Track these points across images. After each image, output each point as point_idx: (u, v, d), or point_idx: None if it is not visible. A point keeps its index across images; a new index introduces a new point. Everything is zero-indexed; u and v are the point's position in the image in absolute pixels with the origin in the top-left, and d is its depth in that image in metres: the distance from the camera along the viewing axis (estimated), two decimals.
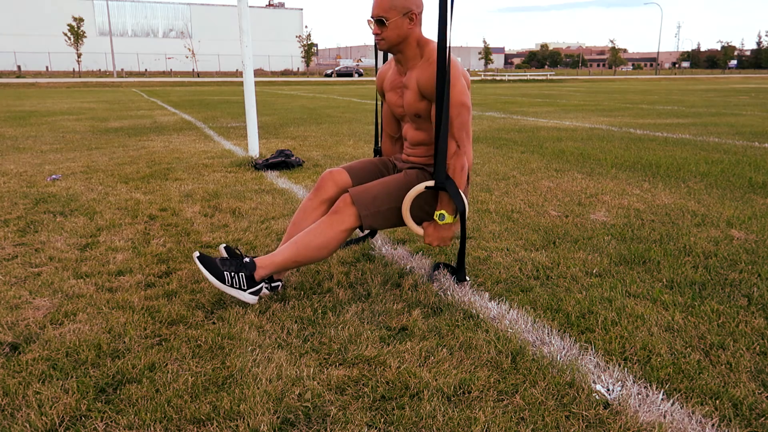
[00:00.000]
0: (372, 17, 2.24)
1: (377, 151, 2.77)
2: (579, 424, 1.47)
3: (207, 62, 74.24)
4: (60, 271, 2.54)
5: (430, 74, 2.24)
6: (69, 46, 54.80)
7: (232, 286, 2.16)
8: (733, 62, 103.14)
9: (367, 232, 2.98)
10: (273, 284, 2.30)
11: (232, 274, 2.16)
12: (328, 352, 1.83)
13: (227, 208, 3.67)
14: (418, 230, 2.34)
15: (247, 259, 2.21)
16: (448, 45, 2.12)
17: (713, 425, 1.47)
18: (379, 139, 2.80)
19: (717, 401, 1.56)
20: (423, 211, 2.37)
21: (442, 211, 2.26)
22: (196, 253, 2.17)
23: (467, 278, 2.43)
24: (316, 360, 1.78)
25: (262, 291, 2.26)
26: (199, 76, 52.77)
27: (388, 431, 1.45)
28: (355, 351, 1.83)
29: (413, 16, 2.23)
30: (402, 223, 2.39)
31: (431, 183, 2.24)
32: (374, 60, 2.61)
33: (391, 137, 2.68)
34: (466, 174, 2.27)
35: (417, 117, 2.36)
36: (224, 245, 2.27)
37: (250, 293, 2.19)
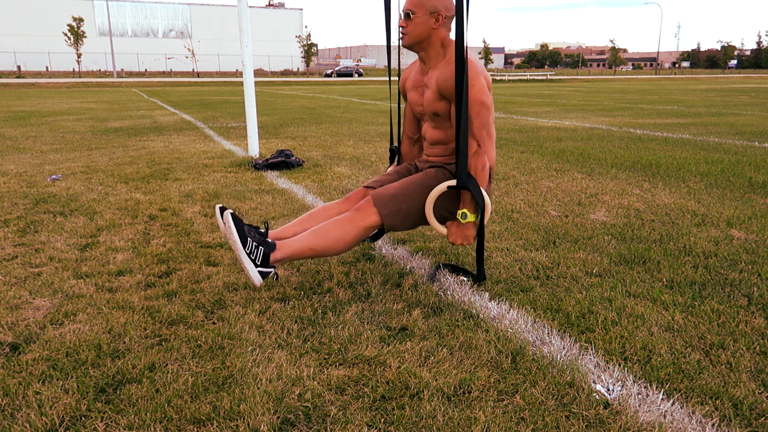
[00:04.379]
0: (402, 11, 2.34)
1: (393, 151, 2.80)
2: (579, 424, 1.47)
3: (207, 62, 74.22)
4: (60, 271, 2.54)
5: (450, 74, 2.28)
6: (69, 47, 54.79)
7: (248, 255, 2.13)
8: (733, 62, 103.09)
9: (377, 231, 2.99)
10: (267, 268, 2.24)
11: (255, 244, 2.14)
12: (328, 352, 1.83)
13: (227, 208, 3.67)
14: (442, 229, 2.36)
15: (269, 239, 2.21)
16: (465, 44, 2.14)
17: (713, 425, 1.47)
18: (395, 138, 2.83)
19: (717, 401, 1.56)
20: (446, 211, 2.40)
21: (465, 210, 2.29)
22: (227, 210, 2.10)
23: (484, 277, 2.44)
24: (316, 360, 1.78)
25: (271, 274, 2.24)
26: (199, 76, 52.75)
27: (388, 431, 1.45)
28: (355, 351, 1.83)
29: (439, 17, 2.31)
30: (423, 222, 2.41)
31: (453, 182, 2.26)
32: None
33: (410, 138, 2.72)
34: (487, 173, 2.31)
35: (436, 116, 2.41)
36: (220, 206, 2.20)
37: (260, 272, 2.18)
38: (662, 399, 1.57)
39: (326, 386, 1.64)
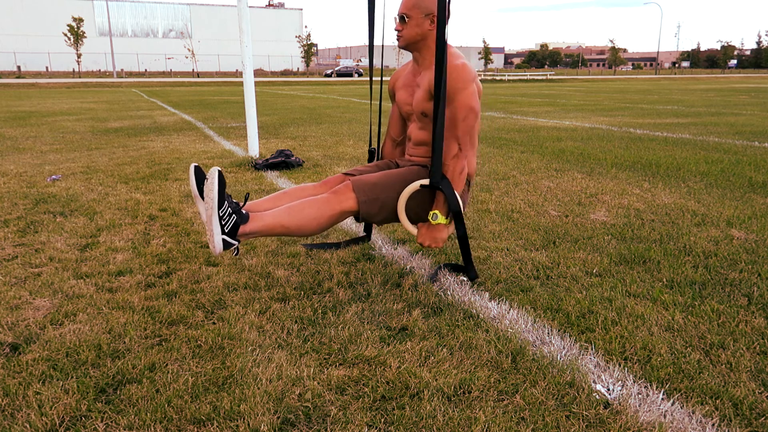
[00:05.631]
0: (397, 14, 2.36)
1: (372, 152, 2.79)
2: (579, 423, 1.47)
3: (207, 62, 74.24)
4: (60, 272, 2.54)
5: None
6: (69, 47, 54.79)
7: (219, 219, 2.04)
8: (733, 62, 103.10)
9: (365, 234, 2.98)
10: (232, 240, 2.13)
11: (229, 210, 2.07)
12: (328, 352, 1.83)
13: None
14: (411, 229, 2.34)
15: (244, 211, 2.15)
16: (444, 45, 2.14)
17: (713, 425, 1.47)
18: (373, 139, 2.82)
19: (717, 401, 1.56)
20: (424, 211, 2.38)
21: (436, 211, 2.27)
22: (215, 168, 2.02)
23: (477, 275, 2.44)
24: (316, 360, 1.79)
25: (232, 248, 2.11)
26: (199, 76, 52.76)
27: (389, 431, 1.45)
28: (355, 351, 1.83)
29: (434, 19, 2.31)
30: (398, 219, 2.39)
31: (426, 181, 2.25)
32: (378, 61, 2.64)
33: (394, 140, 2.71)
34: (464, 177, 2.29)
35: (423, 116, 2.41)
36: (195, 165, 2.14)
37: (223, 240, 2.06)
38: (662, 399, 1.57)
39: (326, 386, 1.64)
